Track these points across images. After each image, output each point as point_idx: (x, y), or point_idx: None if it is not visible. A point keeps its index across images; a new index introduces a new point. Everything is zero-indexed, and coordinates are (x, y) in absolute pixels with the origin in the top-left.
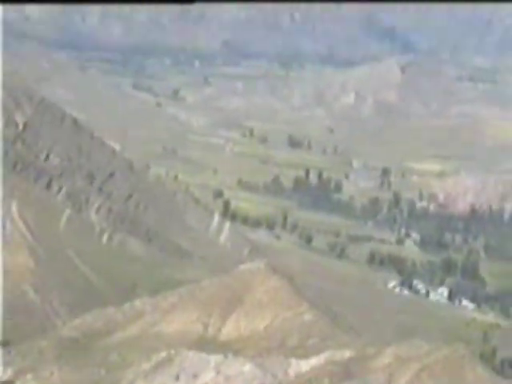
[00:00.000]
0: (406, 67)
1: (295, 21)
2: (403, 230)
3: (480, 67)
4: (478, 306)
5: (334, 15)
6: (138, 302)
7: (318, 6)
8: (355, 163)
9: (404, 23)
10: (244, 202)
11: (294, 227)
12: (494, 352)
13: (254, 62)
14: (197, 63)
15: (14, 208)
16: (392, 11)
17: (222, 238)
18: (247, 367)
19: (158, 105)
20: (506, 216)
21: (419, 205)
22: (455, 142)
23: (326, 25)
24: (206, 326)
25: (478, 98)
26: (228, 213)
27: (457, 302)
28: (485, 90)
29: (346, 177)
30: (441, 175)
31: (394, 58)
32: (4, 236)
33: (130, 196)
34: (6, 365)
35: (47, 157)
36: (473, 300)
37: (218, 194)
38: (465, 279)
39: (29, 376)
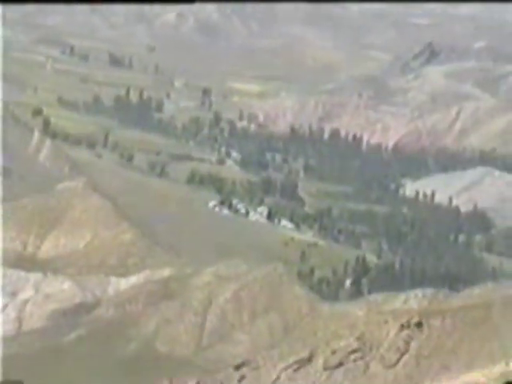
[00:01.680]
0: None
1: None
2: (224, 150)
3: None
4: (297, 225)
5: None
6: None
7: None
8: (176, 82)
9: None
10: (64, 120)
11: (115, 146)
12: (311, 271)
13: None
14: None
15: None
16: None
17: (42, 156)
18: (66, 285)
19: None
20: (325, 136)
21: (240, 125)
22: (276, 62)
23: None
24: (24, 245)
25: (299, 19)
26: (48, 131)
27: (276, 221)
28: (306, 11)
29: (168, 96)
30: (261, 95)
31: None
32: None
33: None
34: None
35: None
36: (291, 219)
37: (38, 111)
38: (284, 199)
39: None
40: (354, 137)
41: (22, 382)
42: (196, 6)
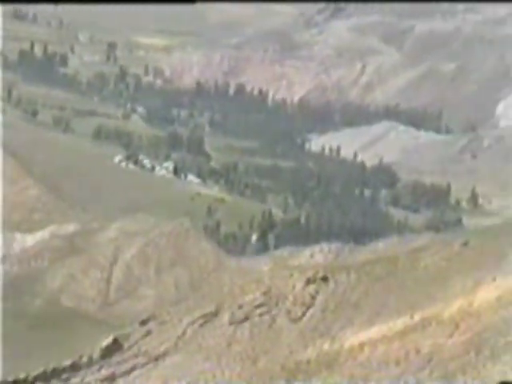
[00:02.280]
0: None
1: None
2: (129, 105)
3: None
4: (203, 180)
5: None
6: None
7: None
8: (81, 36)
9: None
10: None
11: (19, 101)
12: (218, 226)
13: None
14: None
15: None
16: None
17: None
18: None
19: None
20: (231, 91)
21: (145, 79)
22: (181, 17)
23: None
24: None
25: None
26: None
27: (182, 176)
28: None
29: (72, 50)
30: (167, 50)
31: None
32: None
33: None
34: None
35: None
36: (198, 174)
37: None
38: (190, 154)
39: None
40: (260, 92)
41: None
42: None
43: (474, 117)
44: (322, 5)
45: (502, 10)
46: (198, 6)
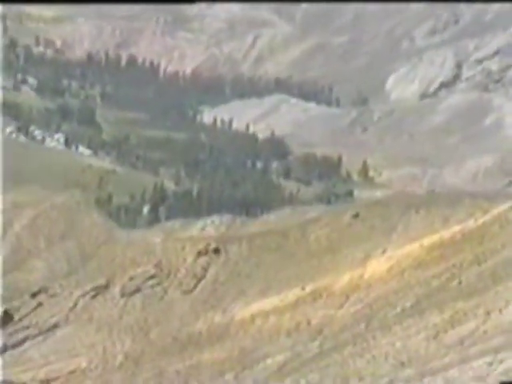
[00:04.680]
0: None
1: None
2: (19, 76)
3: None
4: (95, 152)
5: None
6: None
7: None
8: None
9: None
10: None
11: None
12: (109, 198)
13: None
14: None
15: None
16: None
17: None
18: None
19: None
20: (123, 63)
21: (36, 50)
22: None
23: None
24: None
25: None
26: None
27: (73, 148)
28: None
29: None
30: (58, 20)
31: None
32: None
33: None
34: None
35: None
36: (89, 146)
37: None
38: (81, 126)
39: None
40: (152, 64)
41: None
42: None
43: (364, 90)
44: None
45: None
46: None
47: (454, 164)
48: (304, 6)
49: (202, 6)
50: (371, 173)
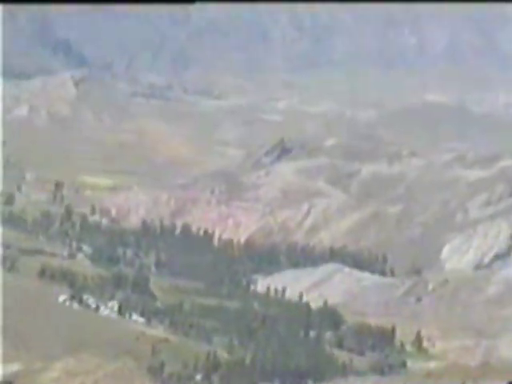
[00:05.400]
0: (80, 81)
1: None
2: (75, 244)
3: (153, 83)
4: (148, 320)
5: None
6: None
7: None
8: (28, 175)
9: (79, 36)
10: None
11: None
12: (162, 366)
13: None
14: None
15: None
16: (66, 23)
17: None
18: None
19: None
20: (177, 231)
21: (92, 219)
22: (127, 156)
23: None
24: None
25: (151, 114)
26: None
27: (127, 316)
28: (158, 106)
29: (19, 189)
30: (113, 189)
31: (68, 72)
32: None
33: None
34: None
35: None
36: (143, 314)
37: None
38: (135, 293)
39: None
40: (206, 232)
41: None
42: (46, 96)
43: (418, 260)
44: (269, 147)
45: (445, 155)
46: (146, 146)
47: (508, 335)
48: (358, 176)
49: (258, 174)
50: (425, 343)
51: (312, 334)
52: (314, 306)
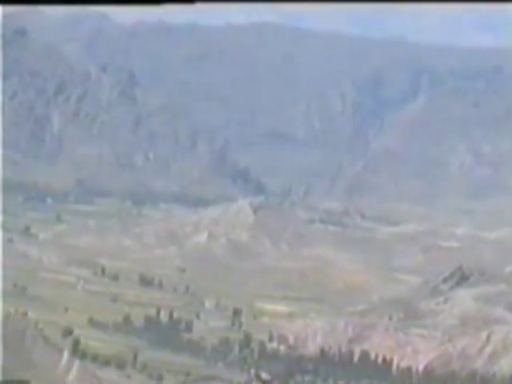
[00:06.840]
0: (258, 209)
1: (149, 159)
2: (253, 371)
3: (330, 210)
4: None
5: (187, 155)
6: None
7: (171, 145)
8: (207, 303)
9: (257, 165)
10: (94, 341)
11: (144, 366)
12: None
13: (106, 200)
14: (49, 200)
15: None
16: (244, 151)
17: (71, 376)
18: None
19: (10, 241)
20: (355, 358)
21: (269, 346)
22: (304, 283)
23: (179, 164)
24: None
25: (328, 241)
26: (77, 351)
27: None
28: (334, 233)
29: (197, 316)
30: (290, 316)
31: (246, 200)
32: None
33: None
34: None
35: None
36: None
37: (68, 332)
38: None
39: None
40: (384, 359)
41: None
42: (225, 223)
43: None
44: (447, 273)
45: None
46: (322, 273)
47: None
48: None
49: (436, 301)
50: None
51: None
52: None
